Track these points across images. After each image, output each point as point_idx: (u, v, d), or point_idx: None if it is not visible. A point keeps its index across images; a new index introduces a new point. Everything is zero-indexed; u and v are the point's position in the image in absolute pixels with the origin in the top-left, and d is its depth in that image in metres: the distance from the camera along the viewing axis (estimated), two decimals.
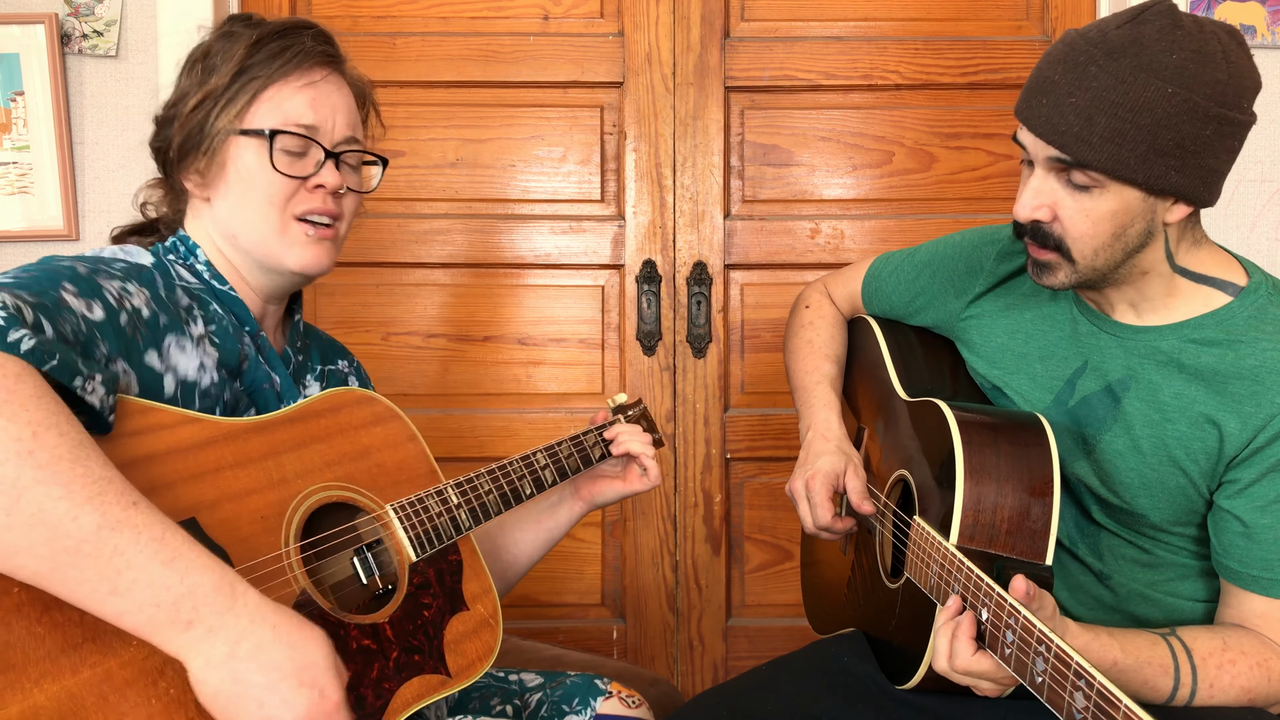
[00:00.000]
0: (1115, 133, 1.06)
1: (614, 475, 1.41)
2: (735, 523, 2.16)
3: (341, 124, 1.17)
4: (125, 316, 0.98)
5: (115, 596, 0.79)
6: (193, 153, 1.13)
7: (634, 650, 2.16)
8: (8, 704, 0.76)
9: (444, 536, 1.14)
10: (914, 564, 1.22)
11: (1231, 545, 1.15)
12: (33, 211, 1.98)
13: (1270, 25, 2.01)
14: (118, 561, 0.79)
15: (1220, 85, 1.05)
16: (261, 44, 1.14)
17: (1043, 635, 0.93)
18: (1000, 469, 1.18)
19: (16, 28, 1.95)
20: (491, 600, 1.18)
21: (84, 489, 0.78)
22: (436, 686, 1.07)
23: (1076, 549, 1.28)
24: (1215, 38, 1.07)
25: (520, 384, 2.14)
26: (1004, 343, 1.35)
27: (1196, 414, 1.16)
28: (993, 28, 2.11)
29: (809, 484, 1.37)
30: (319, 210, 1.15)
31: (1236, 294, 1.17)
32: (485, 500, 1.20)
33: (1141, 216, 1.11)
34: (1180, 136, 1.05)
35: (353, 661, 1.00)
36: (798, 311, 1.63)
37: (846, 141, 2.12)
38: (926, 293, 1.45)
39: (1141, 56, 1.05)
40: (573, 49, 2.09)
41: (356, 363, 1.37)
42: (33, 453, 0.77)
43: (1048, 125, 1.09)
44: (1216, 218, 2.05)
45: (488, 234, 2.11)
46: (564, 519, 1.41)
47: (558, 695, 1.30)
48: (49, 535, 0.77)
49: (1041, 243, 1.16)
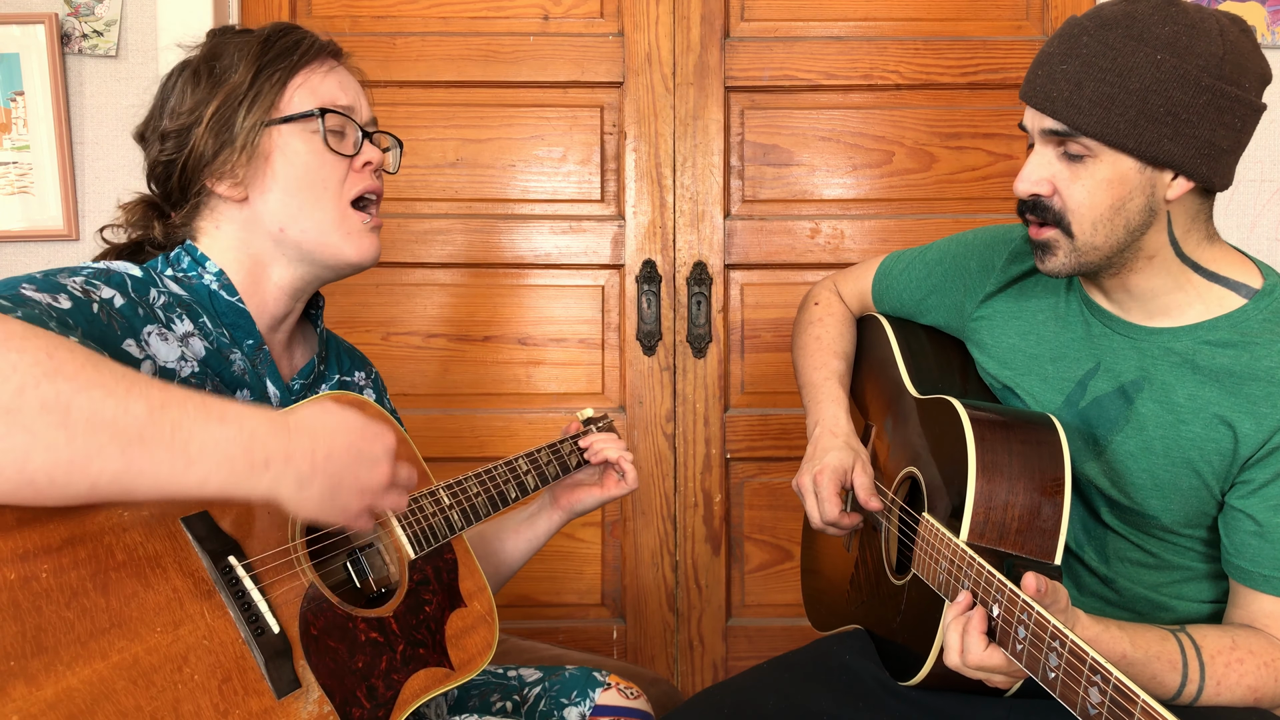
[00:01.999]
0: (1104, 97, 1.07)
1: (591, 483, 1.43)
2: (735, 523, 2.16)
3: (365, 105, 1.20)
4: (96, 306, 0.97)
5: (193, 466, 0.82)
6: (224, 151, 1.11)
7: (634, 650, 2.16)
8: (43, 685, 0.77)
9: (439, 535, 1.16)
10: (921, 560, 1.21)
11: (1244, 545, 1.15)
12: (33, 211, 1.98)
13: (1270, 25, 2.01)
14: (181, 435, 0.81)
15: (1214, 58, 1.06)
16: (272, 41, 1.14)
17: (1057, 630, 0.93)
18: (1012, 467, 1.18)
19: (16, 28, 1.95)
20: (487, 598, 1.20)
21: (118, 384, 0.80)
22: (442, 679, 1.09)
23: (1082, 552, 1.28)
24: (1214, 17, 1.07)
25: (520, 384, 2.14)
26: (1015, 343, 1.34)
27: (1211, 415, 1.15)
28: (993, 28, 2.12)
29: (816, 479, 1.37)
30: (371, 188, 1.17)
31: (1251, 296, 1.17)
32: (475, 502, 1.23)
33: (1140, 190, 1.11)
34: (1171, 103, 1.06)
35: (362, 653, 1.02)
36: (806, 308, 1.63)
37: (846, 141, 2.13)
38: (938, 291, 1.45)
39: (1133, 27, 1.07)
40: (573, 49, 2.09)
41: (375, 374, 1.37)
42: (58, 370, 0.77)
43: (1041, 94, 1.11)
44: (1217, 218, 2.04)
45: (488, 234, 2.11)
46: (543, 529, 1.43)
47: (556, 688, 1.31)
48: (112, 433, 0.78)
49: (1042, 218, 1.16)
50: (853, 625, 1.44)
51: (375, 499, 0.96)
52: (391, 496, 0.98)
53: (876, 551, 1.41)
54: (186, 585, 0.90)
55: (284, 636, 0.94)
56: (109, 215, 1.99)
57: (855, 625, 1.43)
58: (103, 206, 2.00)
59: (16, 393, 0.75)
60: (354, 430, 0.94)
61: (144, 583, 0.87)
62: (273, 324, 1.17)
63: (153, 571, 0.88)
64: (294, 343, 1.23)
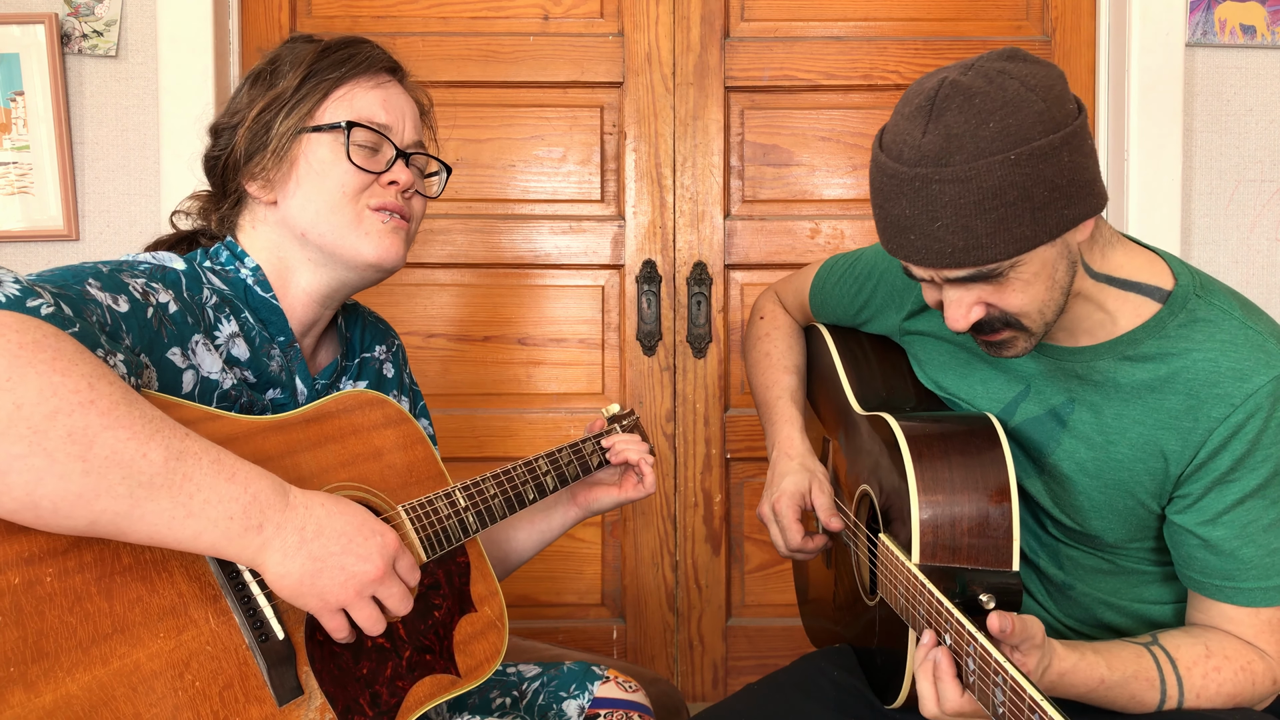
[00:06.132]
0: (996, 223, 1.01)
1: (610, 483, 1.42)
2: (735, 523, 2.16)
3: (410, 127, 1.20)
4: (151, 311, 0.99)
5: (191, 519, 0.84)
6: (258, 154, 1.13)
7: (634, 650, 2.16)
8: (42, 691, 0.77)
9: (453, 538, 1.14)
10: (884, 584, 1.20)
11: (1190, 558, 1.13)
12: (33, 211, 1.98)
13: (1270, 25, 2.01)
14: (189, 487, 0.84)
15: (1043, 114, 1.01)
16: (329, 51, 1.16)
17: (999, 665, 0.88)
18: (954, 480, 1.15)
19: (16, 28, 1.95)
20: (498, 603, 1.18)
21: (144, 428, 0.82)
22: (447, 686, 1.08)
23: (1038, 560, 1.27)
24: (1005, 77, 1.02)
25: (520, 384, 2.14)
26: (945, 362, 1.32)
27: (1137, 435, 1.13)
28: (993, 28, 2.12)
29: (775, 507, 1.35)
30: (391, 206, 1.16)
31: (1165, 299, 1.13)
32: (491, 504, 1.21)
33: (1061, 257, 1.07)
34: (1049, 181, 1.01)
35: (368, 659, 1.01)
36: (753, 323, 1.60)
37: (846, 141, 2.12)
38: (870, 306, 1.42)
39: (965, 146, 1.00)
40: (573, 49, 2.09)
41: (398, 346, 1.37)
42: (94, 401, 0.80)
43: (932, 255, 1.04)
44: (1217, 218, 2.05)
45: (488, 234, 2.11)
46: (557, 523, 1.42)
47: (555, 683, 1.31)
48: (124, 474, 0.80)
49: (991, 329, 1.12)
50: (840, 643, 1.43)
51: (358, 594, 0.94)
52: (395, 597, 0.97)
53: (849, 571, 1.39)
54: (192, 590, 0.90)
55: (288, 642, 0.93)
56: (109, 215, 2.00)
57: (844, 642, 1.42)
58: (102, 206, 2.00)
59: (49, 416, 0.77)
60: (352, 520, 0.95)
61: (149, 587, 0.87)
62: (301, 329, 1.18)
63: (159, 575, 0.88)
64: (322, 345, 1.24)
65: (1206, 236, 2.05)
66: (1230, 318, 1.11)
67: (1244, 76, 2.03)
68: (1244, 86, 2.04)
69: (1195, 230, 2.05)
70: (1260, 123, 2.05)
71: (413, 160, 1.20)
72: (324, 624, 0.94)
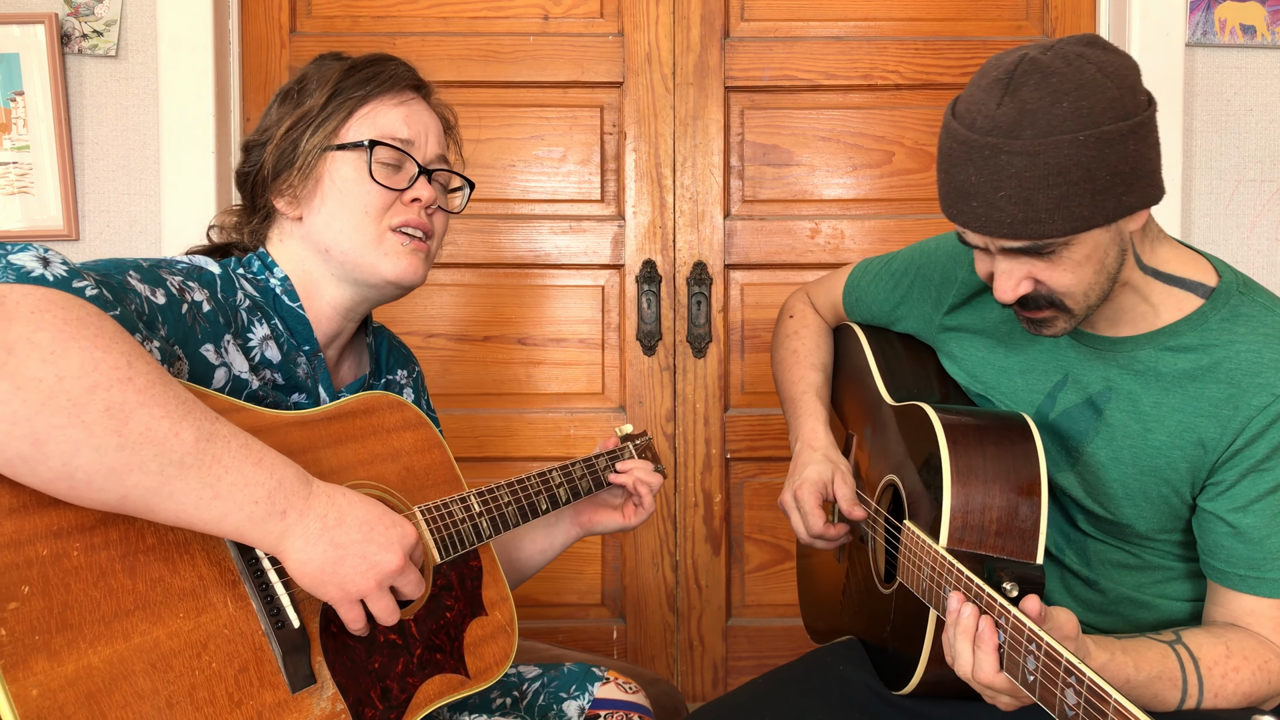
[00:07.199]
0: (1057, 200, 1.04)
1: (615, 507, 1.45)
2: (735, 523, 2.16)
3: (433, 143, 1.22)
4: (186, 307, 1.01)
5: (218, 500, 0.87)
6: (286, 171, 1.16)
7: (634, 650, 2.16)
8: (65, 661, 0.79)
9: (466, 542, 1.16)
10: (906, 568, 1.21)
11: (1217, 546, 1.15)
12: (33, 211, 1.98)
13: (1270, 25, 2.01)
14: (217, 469, 0.86)
15: (1116, 101, 1.04)
16: (355, 70, 1.18)
17: (1034, 634, 0.91)
18: (987, 470, 1.18)
19: (16, 28, 1.95)
20: (509, 608, 1.21)
21: (178, 408, 0.85)
22: (456, 686, 1.09)
23: (1064, 556, 1.28)
24: (1083, 60, 1.05)
25: (520, 384, 2.14)
26: (984, 356, 1.34)
27: (1176, 423, 1.16)
28: (993, 28, 2.12)
29: (797, 494, 1.38)
30: (414, 223, 1.18)
31: (1208, 295, 1.17)
32: (505, 511, 1.23)
33: (1113, 243, 1.10)
34: (1112, 166, 1.04)
35: (380, 654, 1.03)
36: (782, 321, 1.63)
37: (846, 141, 2.13)
38: (906, 303, 1.45)
39: (1038, 122, 1.03)
40: (573, 49, 2.09)
41: (418, 373, 1.40)
42: (131, 379, 0.82)
43: (991, 224, 1.07)
44: (1217, 218, 2.05)
45: (488, 234, 2.11)
46: (559, 541, 1.45)
47: (555, 684, 1.32)
48: (156, 451, 0.83)
49: (1035, 306, 1.15)
50: (847, 635, 1.44)
51: (379, 584, 0.96)
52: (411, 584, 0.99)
53: (864, 562, 1.41)
54: (212, 573, 0.91)
55: (303, 631, 0.95)
56: (109, 215, 2.00)
57: (849, 636, 1.43)
58: (102, 206, 2.00)
59: (89, 390, 0.80)
60: (373, 511, 0.97)
61: (171, 568, 0.89)
62: (325, 339, 1.20)
63: (180, 557, 0.90)
64: (345, 358, 1.27)
65: (1206, 236, 2.05)
66: (1273, 314, 1.15)
67: (1244, 76, 2.04)
68: (1244, 86, 2.04)
69: (1195, 230, 2.05)
70: (1260, 123, 2.05)
71: (435, 176, 1.22)
72: (341, 614, 0.96)
